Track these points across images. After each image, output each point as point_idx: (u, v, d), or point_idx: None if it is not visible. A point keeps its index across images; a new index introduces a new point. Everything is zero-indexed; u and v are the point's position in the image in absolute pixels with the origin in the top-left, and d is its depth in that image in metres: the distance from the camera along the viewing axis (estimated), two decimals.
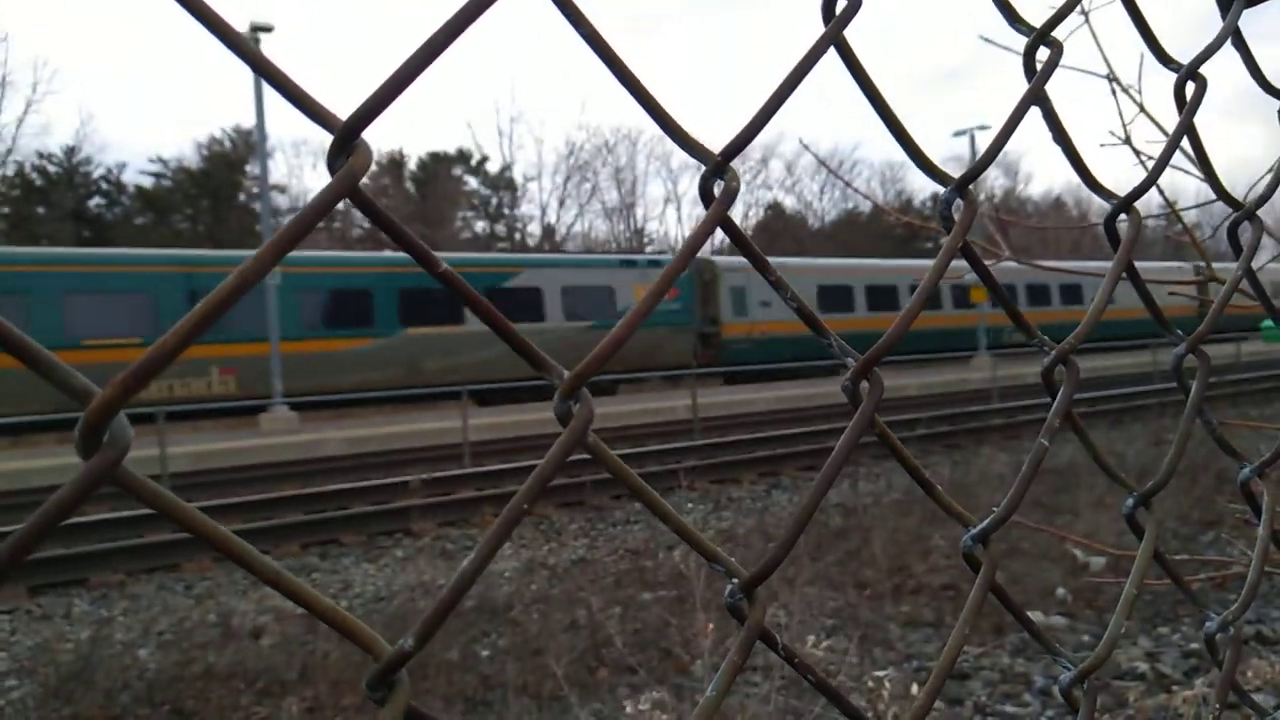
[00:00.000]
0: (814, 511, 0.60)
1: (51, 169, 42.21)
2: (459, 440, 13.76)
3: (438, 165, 50.05)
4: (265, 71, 0.36)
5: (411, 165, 51.14)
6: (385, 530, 9.11)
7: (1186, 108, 0.85)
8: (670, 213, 56.57)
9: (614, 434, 15.59)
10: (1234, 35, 0.85)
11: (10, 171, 40.78)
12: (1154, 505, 0.80)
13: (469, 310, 0.48)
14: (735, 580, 0.57)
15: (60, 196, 41.12)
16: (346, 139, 0.39)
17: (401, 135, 68.43)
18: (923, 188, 62.56)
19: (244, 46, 0.35)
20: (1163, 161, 0.85)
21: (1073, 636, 5.35)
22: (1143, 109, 1.88)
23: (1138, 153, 1.97)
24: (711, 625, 5.37)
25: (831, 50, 0.59)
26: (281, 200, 45.53)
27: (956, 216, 0.67)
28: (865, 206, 55.93)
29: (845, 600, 6.04)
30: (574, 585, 6.75)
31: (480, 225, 52.97)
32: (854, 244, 49.96)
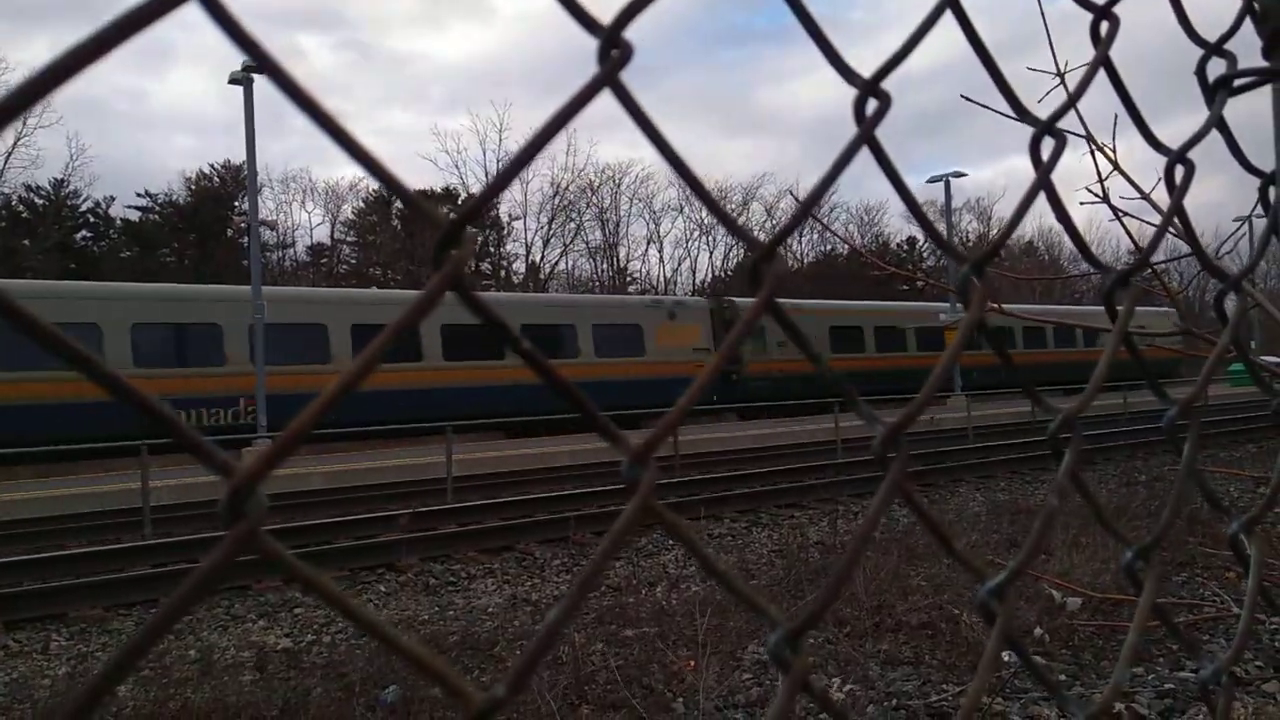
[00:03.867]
0: (854, 567, 0.61)
1: (39, 202, 42.18)
2: (442, 475, 13.75)
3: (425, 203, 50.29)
4: (377, 171, 0.40)
5: (398, 203, 51.37)
6: (368, 565, 9.09)
7: (1176, 190, 0.85)
8: (652, 252, 57.08)
9: (594, 470, 15.61)
10: (1219, 123, 0.87)
11: None
12: (1152, 558, 0.81)
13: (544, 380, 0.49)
14: (780, 629, 0.57)
15: (47, 229, 41.04)
16: (452, 234, 0.42)
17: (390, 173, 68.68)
18: (899, 230, 63.39)
19: (361, 152, 0.39)
20: (1155, 241, 0.88)
21: (1048, 676, 5.41)
22: (1117, 167, 2.00)
23: (1115, 210, 2.09)
24: (694, 661, 5.40)
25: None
26: (269, 236, 45.60)
27: (973, 293, 0.69)
28: (843, 249, 56.58)
29: (825, 637, 6.08)
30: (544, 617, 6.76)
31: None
32: (831, 286, 50.44)
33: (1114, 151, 1.71)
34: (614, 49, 0.45)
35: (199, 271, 39.30)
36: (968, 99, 1.77)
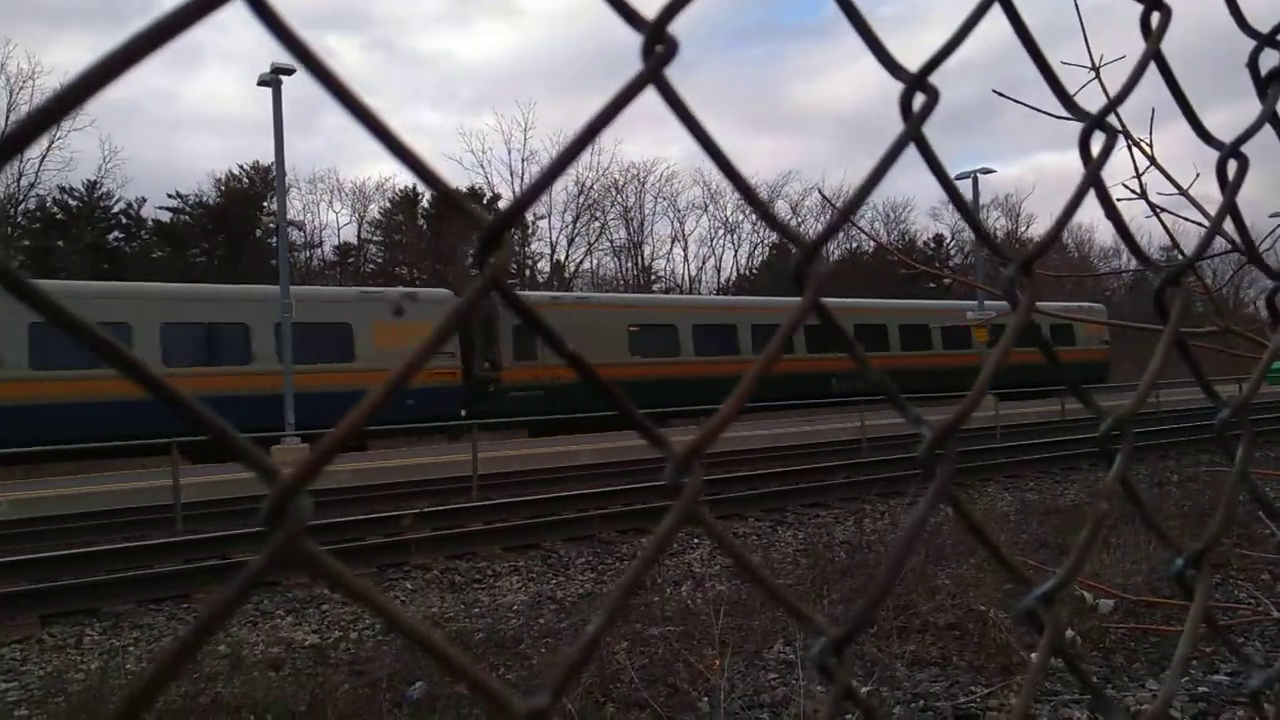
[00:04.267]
0: (900, 572, 0.60)
1: (72, 203, 42.85)
2: (467, 473, 13.82)
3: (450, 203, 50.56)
4: (420, 171, 0.40)
5: (424, 203, 51.70)
6: (394, 562, 9.15)
7: (1230, 186, 0.83)
8: (677, 251, 57.01)
9: (617, 469, 15.62)
10: (1271, 118, 0.85)
11: (32, 205, 41.46)
12: (1203, 565, 0.78)
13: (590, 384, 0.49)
14: (824, 638, 0.56)
15: (80, 230, 41.69)
16: (494, 236, 0.41)
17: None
18: (925, 228, 62.85)
19: (405, 151, 0.38)
20: (1210, 237, 0.86)
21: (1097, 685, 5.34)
22: (1154, 163, 1.96)
23: (1153, 206, 2.05)
24: (719, 661, 5.39)
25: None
26: (297, 236, 46.01)
27: (1020, 293, 0.67)
28: (869, 246, 56.22)
29: None
30: (581, 619, 6.77)
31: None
32: (856, 283, 50.13)
33: (1150, 147, 1.68)
34: (658, 44, 0.44)
35: (228, 271, 39.77)
36: (1000, 94, 1.74)
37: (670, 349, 26.03)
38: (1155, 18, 0.75)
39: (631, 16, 0.45)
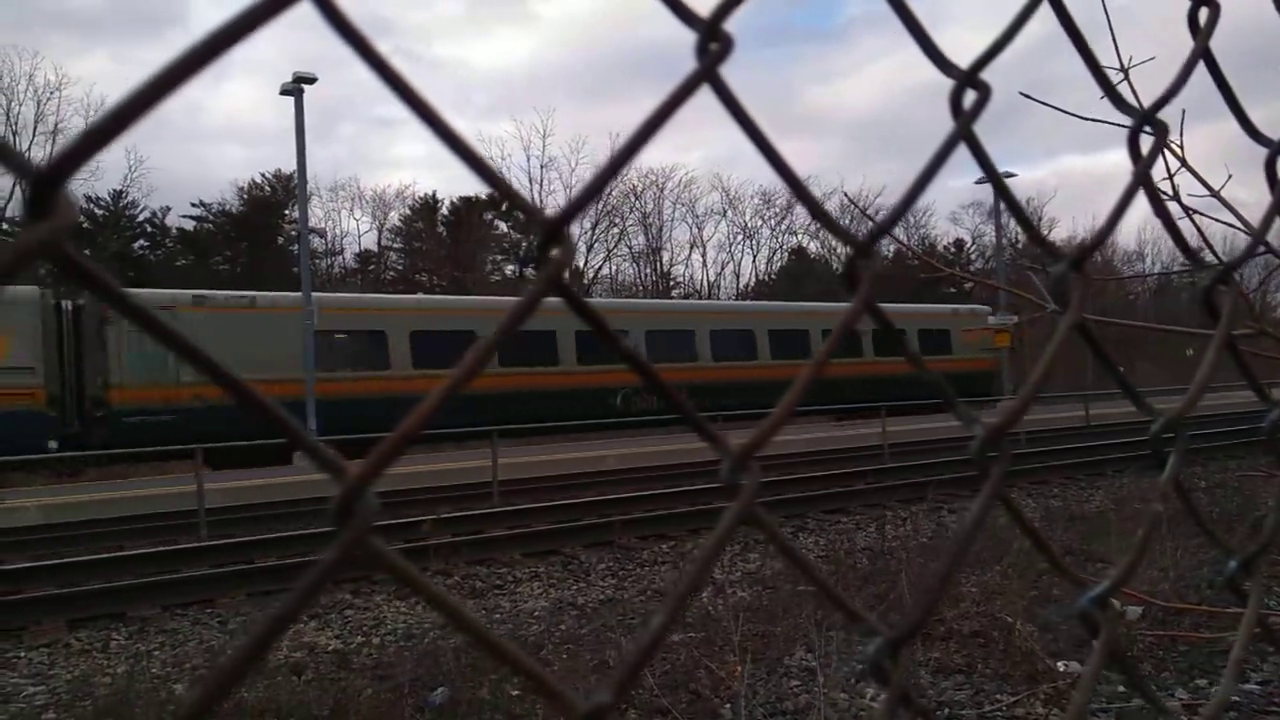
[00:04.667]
0: (955, 573, 0.59)
1: (99, 212, 43.43)
2: (488, 479, 13.85)
3: (470, 209, 50.85)
4: (484, 172, 0.40)
5: (444, 209, 52.02)
6: (419, 568, 9.17)
7: None
8: (695, 257, 56.92)
9: (634, 476, 15.62)
10: None
11: None
12: (1256, 569, 0.76)
13: (645, 382, 0.48)
14: (880, 639, 0.55)
15: (106, 239, 42.23)
16: (554, 235, 0.42)
17: (435, 179, 69.75)
18: (945, 232, 62.46)
19: (471, 155, 0.39)
20: (1260, 235, 0.85)
21: (1108, 687, 5.28)
22: (1185, 164, 1.94)
23: (1186, 208, 2.03)
24: (740, 667, 5.36)
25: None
26: (318, 243, 46.34)
27: (1071, 291, 0.66)
28: (889, 250, 55.92)
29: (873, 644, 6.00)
30: (603, 625, 6.76)
31: (510, 268, 53.62)
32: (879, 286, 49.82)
33: (1181, 148, 1.66)
34: (713, 42, 0.44)
35: (251, 278, 40.15)
36: (1027, 96, 1.72)
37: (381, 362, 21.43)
38: (1204, 14, 0.74)
39: (685, 14, 0.45)
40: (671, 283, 55.68)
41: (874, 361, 23.14)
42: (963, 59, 0.59)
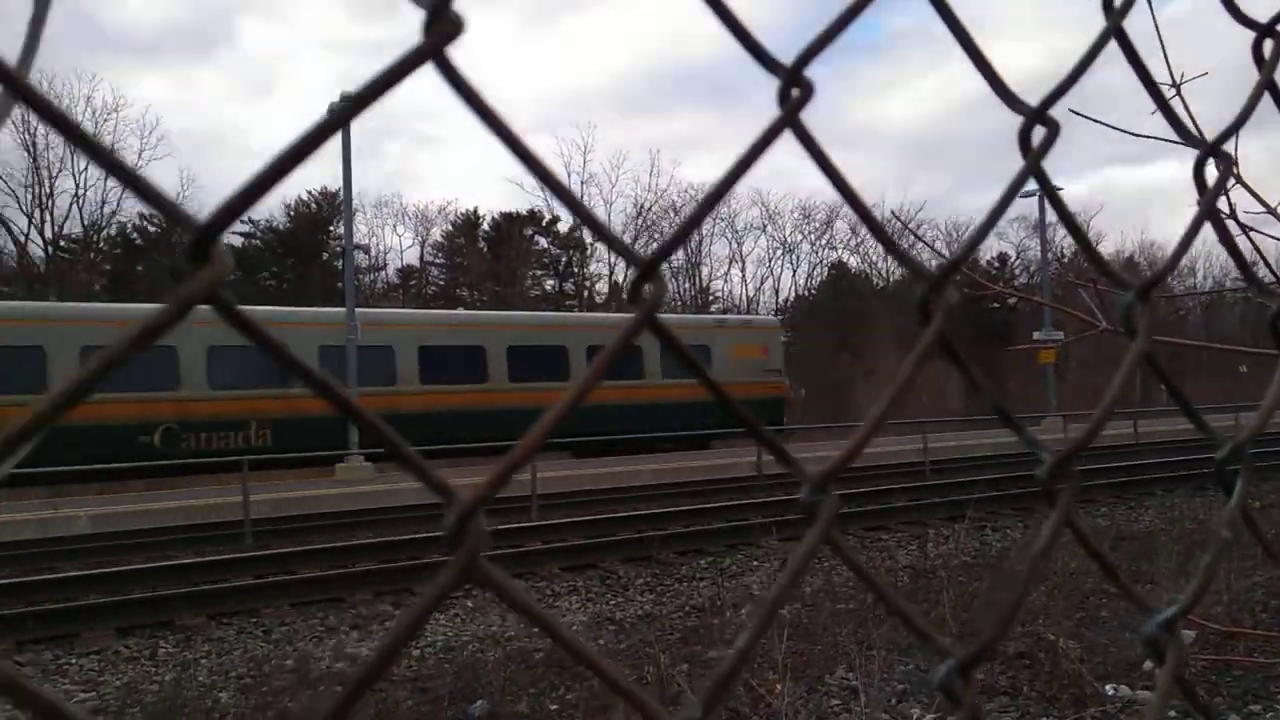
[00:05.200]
0: (1028, 596, 0.59)
1: (152, 230, 44.52)
2: (527, 492, 13.91)
3: (510, 225, 51.33)
4: (576, 208, 0.42)
5: (485, 225, 52.56)
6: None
7: None
8: (734, 272, 56.78)
9: (672, 490, 15.59)
10: None
11: (114, 232, 43.24)
12: None
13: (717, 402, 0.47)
14: (951, 660, 0.54)
15: (159, 256, 43.25)
16: (649, 269, 0.42)
17: (476, 196, 70.41)
18: (988, 247, 61.56)
19: (572, 201, 0.40)
20: None
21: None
22: (1241, 181, 1.91)
23: (1244, 227, 2.00)
24: (780, 685, 5.32)
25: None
26: (362, 259, 47.03)
27: (1139, 322, 0.66)
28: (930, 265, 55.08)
29: (915, 665, 5.92)
30: (641, 640, 6.75)
31: (550, 283, 53.97)
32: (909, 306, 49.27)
33: (1236, 164, 1.64)
34: (795, 88, 0.45)
35: (297, 294, 40.86)
36: (1076, 113, 1.72)
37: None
38: (1269, 45, 0.73)
39: (769, 63, 0.47)
40: (710, 297, 55.62)
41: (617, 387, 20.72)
42: (1007, 74, 0.60)
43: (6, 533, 12.11)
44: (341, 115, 0.34)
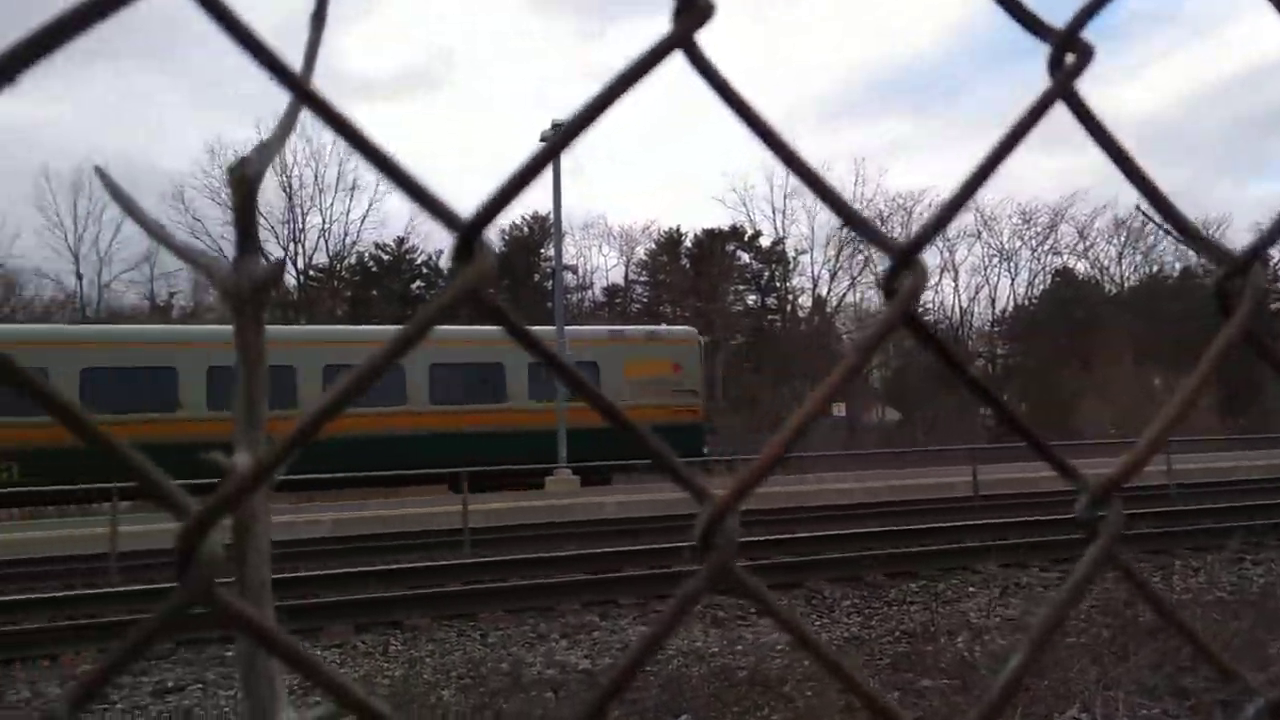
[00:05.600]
0: None
1: (385, 257, 48.62)
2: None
3: (712, 241, 51.77)
4: (839, 207, 0.39)
5: (688, 242, 53.31)
6: (661, 594, 9.34)
7: None
8: (946, 281, 54.09)
9: (888, 507, 15.01)
10: None
11: (353, 260, 47.65)
12: None
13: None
14: (1260, 700, 0.49)
15: (390, 281, 47.21)
16: (904, 260, 0.40)
17: (680, 214, 71.60)
18: (1240, 244, 55.17)
19: (824, 190, 0.38)
20: None
21: None
22: None
23: None
24: None
25: None
26: (570, 279, 49.03)
27: None
28: (1173, 268, 50.25)
29: (1162, 709, 5.34)
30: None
31: (751, 298, 53.87)
32: (1156, 312, 45.12)
33: None
34: (1069, 53, 0.40)
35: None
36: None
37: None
38: None
39: (1036, 25, 0.41)
40: (922, 309, 53.48)
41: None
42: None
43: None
44: (600, 101, 0.33)
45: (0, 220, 54.13)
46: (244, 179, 0.56)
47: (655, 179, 68.61)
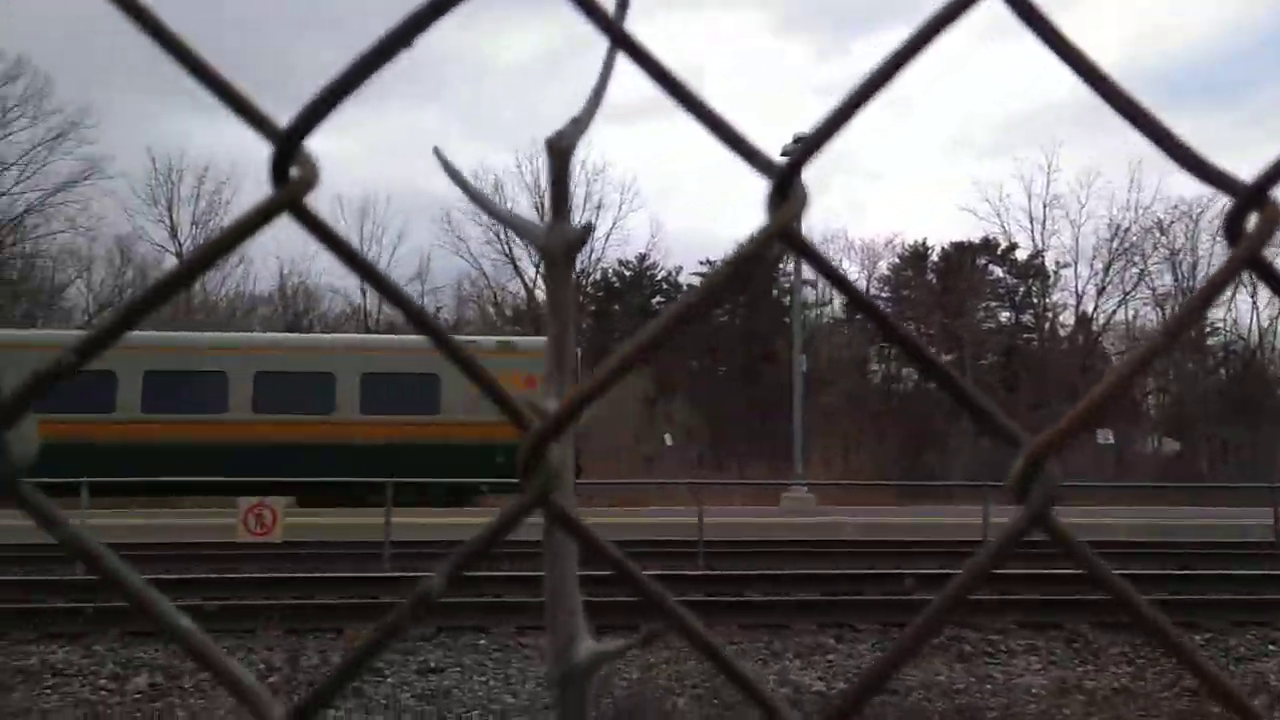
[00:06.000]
0: None
1: (626, 273, 50.57)
2: (977, 537, 13.07)
3: (961, 255, 49.21)
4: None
5: (934, 256, 51.05)
6: (896, 622, 8.94)
7: None
8: (1242, 298, 47.80)
9: (1168, 548, 13.47)
10: None
11: (597, 277, 50.01)
12: None
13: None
14: None
15: (632, 296, 49.02)
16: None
17: (925, 227, 68.93)
18: None
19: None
20: None
21: None
22: None
23: None
24: None
25: None
26: (809, 294, 48.52)
27: None
28: None
29: None
30: (1115, 716, 5.91)
31: (1005, 315, 50.57)
32: None
33: None
34: None
35: (748, 329, 43.39)
36: None
37: None
38: None
39: None
40: (1208, 329, 47.68)
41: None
42: None
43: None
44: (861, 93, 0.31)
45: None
46: (560, 150, 0.61)
47: (899, 189, 66.24)
